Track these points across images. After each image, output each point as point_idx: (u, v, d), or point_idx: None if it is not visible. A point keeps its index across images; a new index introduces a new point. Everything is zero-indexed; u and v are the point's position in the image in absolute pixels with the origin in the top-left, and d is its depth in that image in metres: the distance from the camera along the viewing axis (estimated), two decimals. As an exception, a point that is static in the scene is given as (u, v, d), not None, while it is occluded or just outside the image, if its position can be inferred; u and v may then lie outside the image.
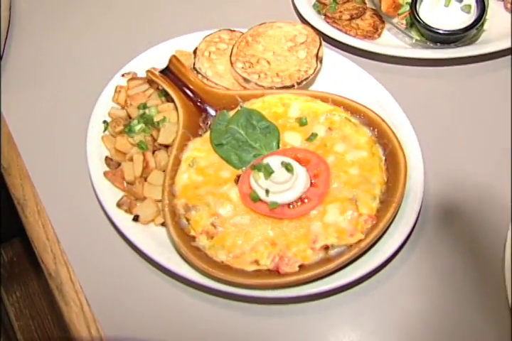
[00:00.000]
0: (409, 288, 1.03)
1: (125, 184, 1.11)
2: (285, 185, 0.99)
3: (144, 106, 1.17)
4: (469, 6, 1.20)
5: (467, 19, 1.21)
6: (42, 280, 1.68)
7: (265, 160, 1.01)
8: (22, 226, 1.18)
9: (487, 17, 1.22)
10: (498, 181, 1.11)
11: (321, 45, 1.21)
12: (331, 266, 0.97)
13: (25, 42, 1.41)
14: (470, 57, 1.22)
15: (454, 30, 1.21)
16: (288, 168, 0.99)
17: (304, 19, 1.31)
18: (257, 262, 0.99)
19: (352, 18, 1.30)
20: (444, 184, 1.12)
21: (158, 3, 1.45)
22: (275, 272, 0.98)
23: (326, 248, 0.99)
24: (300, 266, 0.98)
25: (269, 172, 0.99)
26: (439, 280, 1.03)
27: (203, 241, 1.01)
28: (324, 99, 1.12)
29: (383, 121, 1.08)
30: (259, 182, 1.00)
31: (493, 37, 1.25)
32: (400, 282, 1.04)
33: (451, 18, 1.22)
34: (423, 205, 1.06)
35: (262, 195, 1.00)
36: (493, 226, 1.06)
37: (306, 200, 1.01)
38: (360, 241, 0.98)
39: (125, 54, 1.27)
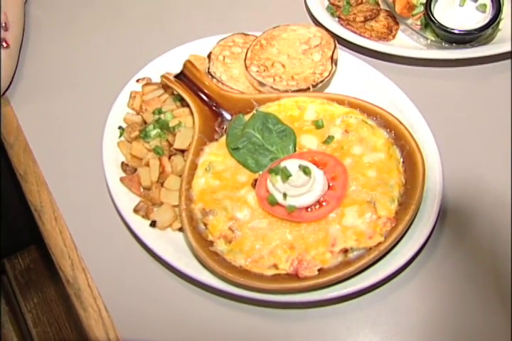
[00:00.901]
0: (430, 291, 1.02)
1: (142, 189, 1.11)
2: (303, 188, 0.99)
3: (159, 112, 1.16)
4: (484, 5, 1.19)
5: (482, 19, 1.20)
6: (59, 286, 1.68)
7: (282, 164, 1.00)
8: (38, 233, 1.18)
9: (502, 16, 1.21)
10: (518, 181, 1.10)
11: (335, 47, 1.20)
12: (351, 269, 0.96)
13: (39, 50, 1.41)
14: (486, 57, 1.21)
15: (469, 30, 1.20)
16: (305, 171, 0.98)
17: (318, 22, 1.30)
18: (275, 266, 0.98)
19: (366, 19, 1.30)
20: (462, 184, 1.11)
21: (171, 8, 1.45)
22: (294, 276, 0.97)
23: (345, 251, 0.98)
24: (319, 270, 0.97)
25: (286, 175, 0.98)
26: (461, 282, 1.02)
27: (221, 246, 1.01)
28: (340, 102, 1.11)
29: (400, 122, 1.07)
30: (276, 186, 0.99)
31: (508, 36, 1.23)
32: (421, 284, 1.03)
33: (466, 18, 1.21)
34: (442, 206, 1.04)
35: (279, 198, 0.99)
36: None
37: (324, 203, 1.00)
38: (379, 243, 0.97)
39: (139, 59, 1.27)
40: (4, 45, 1.29)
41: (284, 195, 0.99)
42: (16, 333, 1.73)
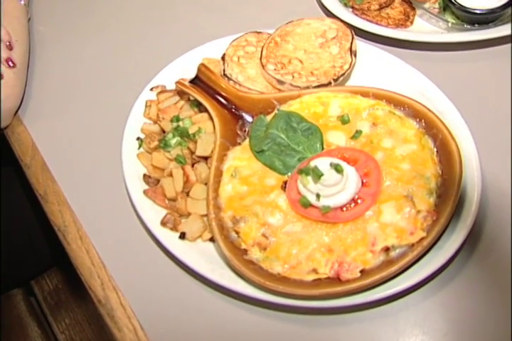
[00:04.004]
0: (478, 285, 0.98)
1: (167, 201, 1.07)
2: (336, 187, 0.95)
3: (177, 119, 1.13)
4: (506, -19, 1.15)
5: None
6: (89, 305, 1.65)
7: (312, 163, 0.96)
8: (63, 252, 1.14)
9: (527, -9, 1.17)
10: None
11: (353, 38, 1.17)
12: (395, 268, 0.92)
13: (46, 66, 1.38)
14: (510, 35, 1.17)
15: (492, 9, 1.17)
16: (338, 169, 0.94)
17: (331, 13, 1.27)
18: (315, 271, 0.94)
19: (381, 7, 1.27)
20: (500, 170, 1.07)
21: (178, 13, 1.42)
22: (336, 280, 0.94)
23: (387, 249, 0.94)
24: (361, 271, 0.93)
25: (318, 175, 0.94)
26: (510, 272, 0.97)
27: (255, 254, 0.97)
28: (364, 94, 1.08)
29: (429, 110, 1.03)
30: (308, 187, 0.96)
31: (533, 12, 1.19)
32: (468, 278, 0.98)
33: (487, -3, 1.17)
34: (482, 194, 1.00)
35: (312, 199, 0.95)
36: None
37: (359, 201, 0.96)
38: (422, 239, 0.93)
39: (151, 67, 1.24)
40: (11, 64, 1.26)
41: (317, 196, 0.95)
42: (50, 356, 1.71)
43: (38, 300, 1.75)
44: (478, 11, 1.17)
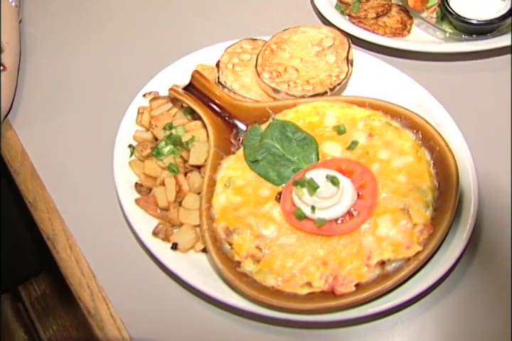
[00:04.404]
0: (474, 299, 0.97)
1: (159, 210, 1.06)
2: (332, 199, 0.94)
3: (170, 127, 1.12)
4: (504, -8, 1.15)
5: (502, 7, 1.17)
6: (78, 311, 1.63)
7: (308, 175, 0.95)
8: (51, 259, 1.13)
9: (524, 3, 1.17)
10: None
11: (350, 47, 1.17)
12: (390, 282, 0.91)
13: (37, 70, 1.37)
14: (509, 46, 1.17)
15: (490, 20, 1.17)
16: (334, 181, 0.93)
17: (328, 21, 1.27)
18: (309, 284, 0.93)
19: (378, 16, 1.27)
20: (497, 183, 1.06)
21: (172, 17, 1.41)
22: (330, 294, 0.93)
23: (382, 263, 0.93)
24: (356, 285, 0.92)
25: (314, 187, 0.93)
26: (506, 286, 0.97)
27: (249, 266, 0.96)
28: (361, 104, 1.07)
29: (427, 122, 1.03)
30: (303, 199, 0.95)
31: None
32: (464, 292, 0.98)
33: (485, 7, 1.18)
34: (479, 208, 1.00)
35: (307, 212, 0.94)
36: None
37: (354, 214, 0.96)
38: (418, 253, 0.92)
39: (144, 73, 1.22)
40: (1, 67, 1.24)
41: (313, 208, 0.94)
42: (36, 362, 1.70)
43: (25, 306, 1.74)
44: (476, 22, 1.16)
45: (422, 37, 1.24)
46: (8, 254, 1.54)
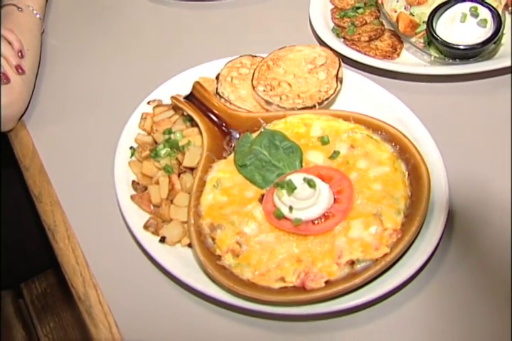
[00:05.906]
0: (439, 302, 1.01)
1: (152, 206, 1.12)
2: (308, 201, 1.00)
3: (169, 132, 1.19)
4: (485, 20, 1.20)
5: (484, 34, 1.21)
6: (75, 310, 1.68)
7: (288, 177, 1.02)
8: (54, 255, 1.19)
9: (504, 31, 1.23)
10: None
11: (340, 66, 1.23)
12: (358, 280, 0.96)
13: (54, 77, 1.46)
14: (490, 71, 1.22)
15: (472, 45, 1.21)
16: (310, 183, 0.99)
17: (324, 42, 1.33)
18: (282, 279, 0.99)
19: (371, 39, 1.32)
20: (468, 194, 1.11)
21: (181, 34, 1.50)
22: (301, 288, 0.98)
23: (352, 263, 0.98)
24: (326, 282, 0.97)
25: (291, 188, 0.99)
26: (470, 293, 1.01)
27: (228, 260, 1.02)
28: (346, 118, 1.13)
29: (404, 136, 1.08)
30: (282, 200, 1.01)
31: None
32: (430, 295, 1.02)
33: (469, 34, 1.22)
34: (448, 217, 1.05)
35: (285, 211, 1.00)
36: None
37: (330, 216, 1.01)
38: (385, 255, 0.97)
39: (150, 83, 1.31)
40: (20, 71, 1.33)
41: (290, 208, 1.00)
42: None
43: (25, 302, 1.78)
44: (459, 47, 1.21)
45: (411, 60, 1.30)
46: (13, 251, 1.59)
